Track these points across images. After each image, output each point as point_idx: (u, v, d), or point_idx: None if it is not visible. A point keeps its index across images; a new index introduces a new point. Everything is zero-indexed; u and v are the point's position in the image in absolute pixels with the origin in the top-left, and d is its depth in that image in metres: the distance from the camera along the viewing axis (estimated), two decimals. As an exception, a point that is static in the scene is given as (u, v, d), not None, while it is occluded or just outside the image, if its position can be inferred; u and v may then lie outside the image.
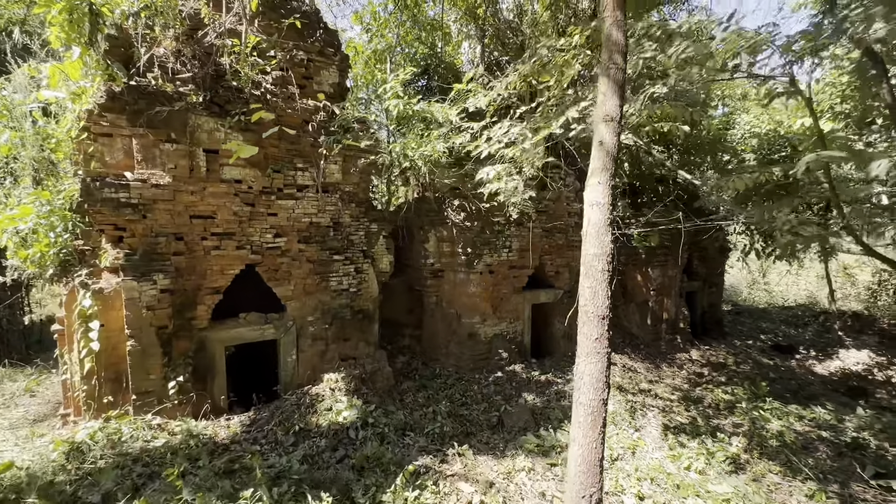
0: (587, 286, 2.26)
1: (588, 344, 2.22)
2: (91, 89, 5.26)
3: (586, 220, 2.26)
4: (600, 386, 2.21)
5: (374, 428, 5.71)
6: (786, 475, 5.54)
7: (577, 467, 2.16)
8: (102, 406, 5.29)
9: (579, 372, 2.26)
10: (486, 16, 9.39)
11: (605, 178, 2.19)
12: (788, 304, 17.46)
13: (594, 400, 2.19)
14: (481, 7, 9.41)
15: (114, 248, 5.42)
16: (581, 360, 2.25)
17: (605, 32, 2.28)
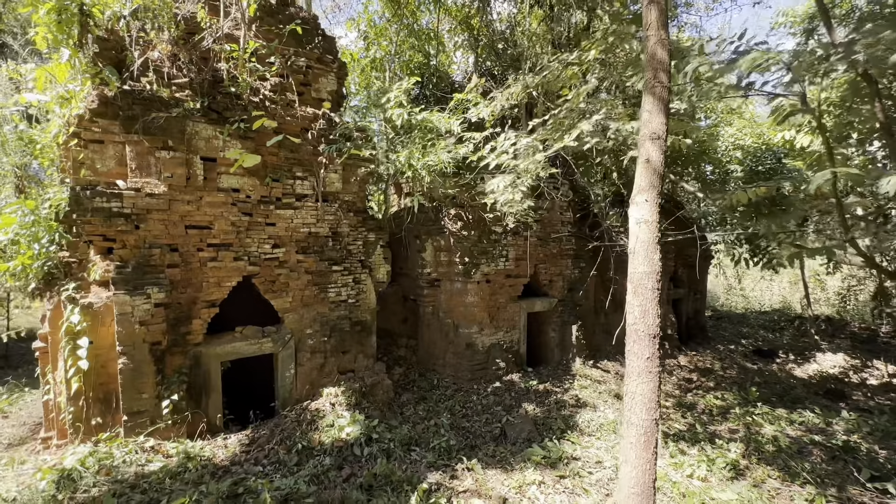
0: (636, 304, 2.25)
1: (639, 363, 2.20)
2: (80, 93, 5.00)
3: (633, 238, 2.25)
4: (652, 406, 2.19)
5: (378, 444, 5.56)
6: (784, 480, 5.67)
7: (629, 489, 2.13)
8: (90, 428, 4.98)
9: (630, 391, 2.24)
10: (480, 26, 9.45)
11: (652, 195, 2.19)
12: (765, 308, 18.10)
13: (646, 420, 2.17)
14: (475, 17, 9.47)
15: (103, 260, 5.15)
16: (632, 380, 2.23)
17: (648, 51, 2.29)
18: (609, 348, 10.88)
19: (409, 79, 6.29)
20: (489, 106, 6.18)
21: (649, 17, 2.29)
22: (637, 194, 2.26)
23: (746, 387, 8.85)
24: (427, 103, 9.34)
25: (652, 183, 2.20)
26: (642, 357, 2.20)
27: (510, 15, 9.64)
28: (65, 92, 5.06)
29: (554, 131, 4.73)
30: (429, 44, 8.91)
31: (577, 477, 5.45)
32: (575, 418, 6.98)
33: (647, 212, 2.20)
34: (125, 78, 5.18)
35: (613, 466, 5.80)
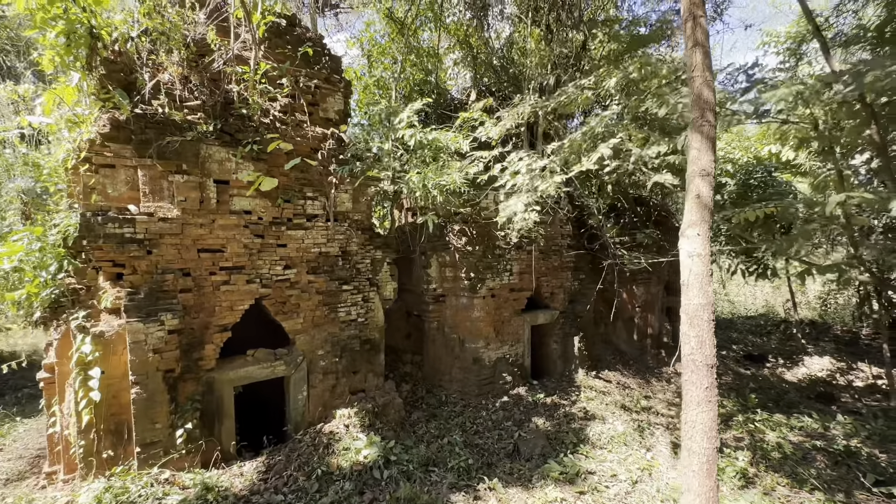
0: (693, 335, 2.33)
1: (698, 393, 2.27)
2: (90, 117, 4.91)
3: (686, 271, 2.34)
4: (713, 434, 2.26)
5: (397, 466, 5.52)
6: (793, 487, 5.83)
7: (695, 519, 2.19)
8: (102, 462, 4.81)
9: (690, 420, 2.31)
10: (479, 44, 9.62)
11: (703, 229, 2.29)
12: (750, 313, 18.60)
13: (708, 448, 2.23)
14: (473, 35, 9.64)
15: (113, 286, 5.02)
16: (691, 409, 2.30)
17: (695, 91, 2.41)
18: (609, 358, 11.05)
19: (422, 99, 6.36)
20: (497, 126, 6.29)
21: (695, 59, 2.41)
22: (688, 228, 2.35)
23: (745, 393, 9.09)
24: (427, 120, 9.43)
25: (703, 217, 2.30)
26: (701, 387, 2.28)
27: (508, 34, 9.84)
28: (73, 115, 4.95)
29: (570, 153, 4.86)
30: (429, 61, 9.03)
31: (595, 492, 5.51)
32: (585, 431, 7.05)
33: (700, 245, 2.29)
34: (136, 101, 5.10)
35: (629, 480, 5.89)
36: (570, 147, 4.83)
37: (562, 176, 4.77)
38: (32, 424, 7.43)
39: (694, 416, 2.26)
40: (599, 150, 4.39)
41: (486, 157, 6.21)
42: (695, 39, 2.41)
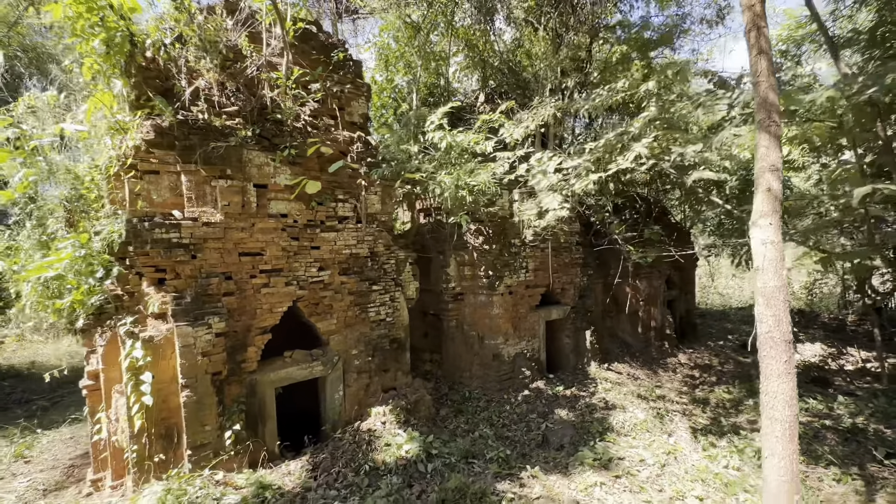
0: (770, 315, 2.57)
1: (778, 366, 2.51)
2: (131, 124, 4.94)
3: (760, 257, 2.59)
4: (793, 403, 2.50)
5: (440, 459, 5.68)
6: (809, 463, 6.21)
7: (779, 477, 2.42)
8: (153, 466, 4.84)
9: (771, 391, 2.54)
10: (486, 48, 9.84)
11: (775, 219, 2.54)
12: (740, 305, 19.28)
13: (789, 416, 2.47)
14: (481, 40, 9.86)
15: (157, 291, 5.06)
16: (772, 381, 2.54)
17: (760, 95, 2.67)
18: (618, 351, 11.39)
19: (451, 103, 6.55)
20: (519, 127, 6.51)
21: (760, 66, 2.67)
22: (760, 218, 2.60)
23: (752, 378, 9.51)
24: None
25: (774, 208, 2.55)
26: (780, 360, 2.52)
27: (515, 38, 10.08)
28: (114, 123, 4.97)
29: (605, 152, 5.11)
30: (440, 65, 9.21)
31: (629, 476, 5.77)
32: (609, 420, 7.32)
33: (772, 233, 2.54)
34: (177, 108, 5.15)
35: (657, 463, 6.17)
36: (604, 147, 5.09)
37: (599, 174, 5.04)
38: (55, 436, 7.32)
39: (775, 387, 2.49)
40: (635, 149, 4.65)
41: (510, 158, 6.42)
42: (759, 48, 2.67)
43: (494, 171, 6.08)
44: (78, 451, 6.68)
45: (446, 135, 6.13)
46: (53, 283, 5.04)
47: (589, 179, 4.98)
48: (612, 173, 4.85)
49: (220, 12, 5.95)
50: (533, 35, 9.56)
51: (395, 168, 6.11)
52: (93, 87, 5.09)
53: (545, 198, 5.39)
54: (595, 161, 5.15)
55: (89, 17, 4.87)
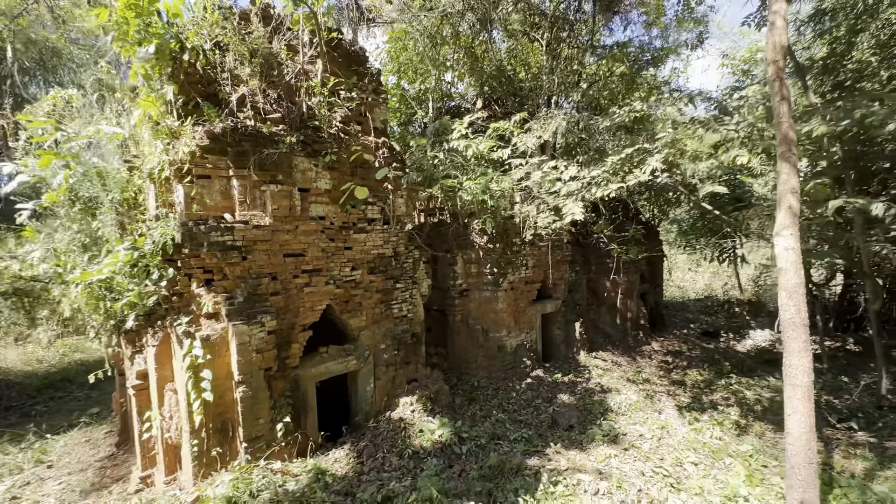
0: (792, 305, 3.28)
1: (798, 344, 3.22)
2: (185, 129, 5.08)
3: (783, 260, 3.29)
4: (809, 371, 3.22)
5: (471, 441, 6.23)
6: (777, 431, 7.29)
7: (800, 429, 3.13)
8: (211, 459, 5.06)
9: (793, 364, 3.25)
10: (486, 58, 10.39)
11: (794, 230, 3.25)
12: (697, 296, 21.08)
13: (806, 382, 3.19)
14: (479, 48, 10.39)
15: (207, 292, 5.24)
16: (793, 356, 3.25)
17: (781, 133, 3.37)
18: (601, 341, 12.37)
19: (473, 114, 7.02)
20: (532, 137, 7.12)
21: (782, 110, 3.38)
22: (783, 229, 3.31)
23: (720, 363, 10.72)
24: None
25: (793, 222, 3.26)
26: (800, 340, 3.23)
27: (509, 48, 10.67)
28: (164, 127, 5.07)
29: (624, 164, 5.81)
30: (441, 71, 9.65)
31: (634, 448, 6.57)
32: (607, 402, 8.14)
33: (793, 241, 3.26)
34: (225, 113, 5.32)
35: (654, 437, 7.03)
36: (623, 160, 5.79)
37: (619, 184, 5.73)
38: (67, 440, 7.18)
39: (796, 361, 3.21)
40: (650, 163, 5.37)
41: (525, 165, 7.01)
42: (781, 95, 3.38)
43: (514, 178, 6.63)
44: (101, 453, 6.64)
45: (471, 143, 6.62)
46: (100, 286, 5.09)
47: (610, 188, 5.67)
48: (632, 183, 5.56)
49: (253, 19, 6.11)
50: (529, 46, 10.20)
51: (423, 173, 6.52)
52: (141, 91, 5.15)
53: (567, 202, 6.02)
54: (613, 172, 5.85)
55: (137, 24, 4.96)
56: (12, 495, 5.54)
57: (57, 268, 5.07)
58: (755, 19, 7.05)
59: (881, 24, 7.56)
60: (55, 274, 5.16)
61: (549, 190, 6.80)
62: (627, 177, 5.62)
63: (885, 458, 6.15)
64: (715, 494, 5.29)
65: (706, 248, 12.61)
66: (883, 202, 4.83)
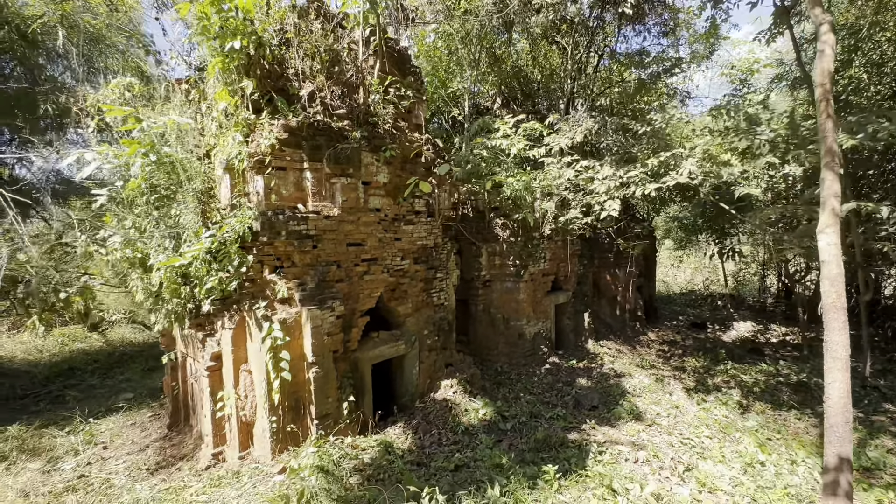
0: (833, 291, 3.88)
1: (837, 324, 3.83)
2: (263, 122, 5.32)
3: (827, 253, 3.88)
4: (846, 347, 3.84)
5: (513, 419, 6.75)
6: (776, 409, 8.12)
7: (838, 394, 3.75)
8: (286, 436, 5.38)
9: (833, 341, 3.86)
10: (505, 58, 10.83)
11: (836, 229, 3.86)
12: (682, 290, 22.27)
13: (844, 356, 3.80)
14: (501, 49, 10.82)
15: (280, 279, 5.53)
16: (834, 334, 3.85)
17: (827, 145, 3.96)
18: (603, 331, 13.11)
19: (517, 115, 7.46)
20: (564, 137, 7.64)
21: (827, 126, 3.97)
22: (826, 227, 3.91)
23: (713, 351, 11.61)
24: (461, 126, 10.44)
25: (835, 221, 3.87)
26: (839, 321, 3.84)
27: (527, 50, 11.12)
28: (242, 120, 5.30)
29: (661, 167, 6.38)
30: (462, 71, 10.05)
31: (656, 424, 7.23)
32: (623, 385, 8.82)
33: (834, 238, 3.86)
34: (298, 108, 5.58)
35: (669, 415, 7.72)
36: (662, 162, 6.36)
37: (658, 184, 6.30)
38: (110, 424, 7.30)
39: (836, 338, 3.82)
40: (685, 165, 5.97)
41: (556, 163, 7.52)
42: (827, 113, 3.97)
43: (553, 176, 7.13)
44: (153, 434, 6.81)
45: (514, 141, 7.07)
46: (177, 272, 5.30)
47: (651, 188, 6.25)
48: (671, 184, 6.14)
49: (312, 15, 6.35)
50: (548, 49, 10.69)
51: (468, 169, 6.92)
52: (217, 84, 5.35)
53: (606, 199, 6.56)
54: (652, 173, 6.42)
55: (217, 19, 5.16)
56: (79, 473, 5.70)
57: (137, 253, 5.24)
58: (765, 36, 7.73)
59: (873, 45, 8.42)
60: (135, 259, 5.31)
61: (583, 188, 7.32)
62: (664, 178, 6.21)
63: (873, 429, 7.03)
64: (736, 461, 5.99)
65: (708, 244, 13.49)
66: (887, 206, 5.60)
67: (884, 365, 10.15)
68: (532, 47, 10.81)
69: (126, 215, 5.20)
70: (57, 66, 7.29)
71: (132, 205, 5.28)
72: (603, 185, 6.76)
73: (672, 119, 7.39)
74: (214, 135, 5.74)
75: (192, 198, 5.17)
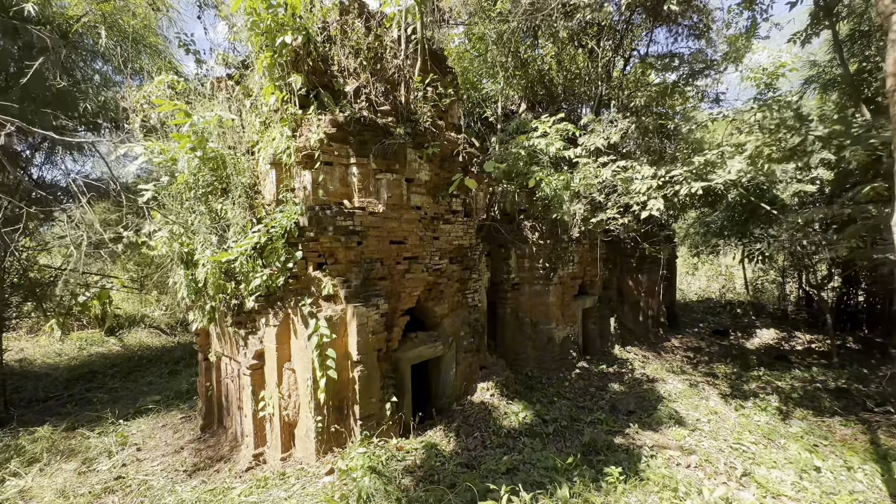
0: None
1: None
2: (311, 117, 5.28)
3: None
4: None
5: (554, 423, 6.58)
6: (818, 414, 7.90)
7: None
8: (330, 436, 5.25)
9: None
10: (531, 61, 10.82)
11: None
12: (699, 298, 22.02)
13: None
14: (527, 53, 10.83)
15: (324, 275, 5.44)
16: None
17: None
18: (627, 336, 12.91)
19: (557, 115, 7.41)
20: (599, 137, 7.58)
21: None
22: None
23: (741, 358, 11.40)
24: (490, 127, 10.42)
25: None
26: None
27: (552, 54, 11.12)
28: (289, 115, 5.26)
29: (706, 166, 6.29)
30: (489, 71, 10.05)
31: (698, 430, 7.04)
32: (657, 390, 8.62)
33: None
34: (344, 104, 5.54)
35: (709, 421, 7.52)
36: (706, 162, 6.28)
37: (704, 183, 6.20)
38: (141, 426, 7.17)
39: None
40: (730, 164, 5.89)
41: (592, 163, 7.46)
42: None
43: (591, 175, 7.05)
44: (186, 436, 6.68)
45: (552, 140, 7.01)
46: (222, 268, 5.22)
47: (697, 186, 6.15)
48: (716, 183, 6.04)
49: (355, 13, 6.34)
50: (574, 53, 10.68)
51: (505, 168, 6.86)
52: (266, 80, 5.32)
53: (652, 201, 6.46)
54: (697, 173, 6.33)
55: (267, 15, 5.15)
56: (116, 475, 5.57)
57: (184, 248, 5.17)
58: (801, 37, 7.67)
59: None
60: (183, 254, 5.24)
61: (620, 188, 7.23)
62: (711, 176, 6.11)
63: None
64: (788, 467, 5.79)
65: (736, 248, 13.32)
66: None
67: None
68: (559, 51, 10.80)
69: (172, 210, 5.13)
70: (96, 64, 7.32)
71: (178, 200, 5.22)
72: (644, 183, 6.67)
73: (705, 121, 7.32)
74: (258, 131, 5.69)
75: (240, 192, 5.11)
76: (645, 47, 9.89)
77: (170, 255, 5.27)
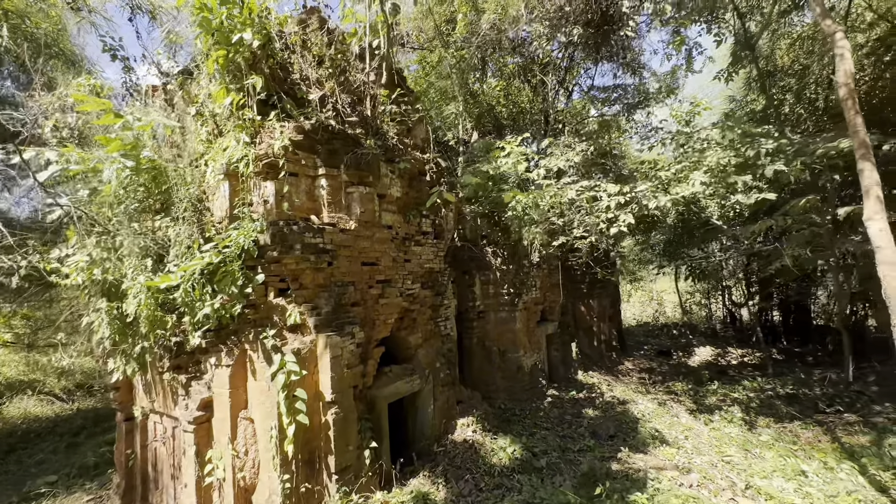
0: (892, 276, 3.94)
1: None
2: (273, 123, 4.69)
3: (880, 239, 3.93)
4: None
5: (545, 455, 6.07)
6: (779, 421, 8.18)
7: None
8: (300, 497, 4.30)
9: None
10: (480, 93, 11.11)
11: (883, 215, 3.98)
12: (637, 322, 23.07)
13: None
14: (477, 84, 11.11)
15: (287, 302, 4.68)
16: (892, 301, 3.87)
17: (860, 138, 4.19)
18: (585, 362, 12.90)
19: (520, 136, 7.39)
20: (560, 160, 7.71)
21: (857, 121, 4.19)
22: (874, 214, 4.00)
23: (690, 374, 11.80)
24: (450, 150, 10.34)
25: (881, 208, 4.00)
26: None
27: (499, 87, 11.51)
28: (247, 121, 4.62)
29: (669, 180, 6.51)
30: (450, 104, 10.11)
31: (681, 448, 6.91)
32: (631, 411, 8.48)
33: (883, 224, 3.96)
34: (310, 112, 5.02)
35: (686, 437, 7.47)
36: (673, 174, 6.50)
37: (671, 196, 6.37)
38: None
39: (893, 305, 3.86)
40: (693, 177, 6.16)
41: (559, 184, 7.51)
42: (855, 109, 4.24)
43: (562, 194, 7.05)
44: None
45: (519, 161, 6.95)
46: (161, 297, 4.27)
47: (665, 199, 6.31)
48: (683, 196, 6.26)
49: (315, 25, 5.97)
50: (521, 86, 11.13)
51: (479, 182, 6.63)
52: (217, 82, 4.67)
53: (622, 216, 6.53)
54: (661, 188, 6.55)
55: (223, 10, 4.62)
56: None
57: (107, 276, 4.12)
58: (724, 74, 8.58)
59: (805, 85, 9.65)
60: (104, 282, 4.16)
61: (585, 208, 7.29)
62: (675, 189, 6.34)
63: (879, 431, 7.23)
64: (780, 475, 5.75)
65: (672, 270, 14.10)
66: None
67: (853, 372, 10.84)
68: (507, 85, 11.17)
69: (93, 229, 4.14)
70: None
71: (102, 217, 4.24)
72: (613, 200, 6.78)
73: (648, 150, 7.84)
74: (204, 141, 4.95)
75: (185, 206, 4.28)
76: (589, 80, 10.61)
77: (85, 286, 4.20)
